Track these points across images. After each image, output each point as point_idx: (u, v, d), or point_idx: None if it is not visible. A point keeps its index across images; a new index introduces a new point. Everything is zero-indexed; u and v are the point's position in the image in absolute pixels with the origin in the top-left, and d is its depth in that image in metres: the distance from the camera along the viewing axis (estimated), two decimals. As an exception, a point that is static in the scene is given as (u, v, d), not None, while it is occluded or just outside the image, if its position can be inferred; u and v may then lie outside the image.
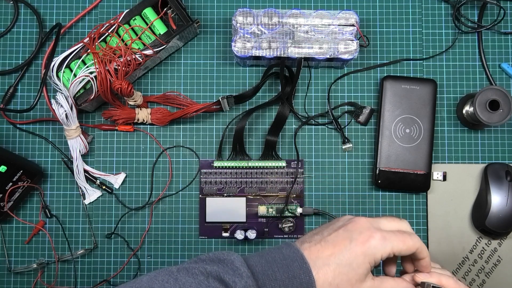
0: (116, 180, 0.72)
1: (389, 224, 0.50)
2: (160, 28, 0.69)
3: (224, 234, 0.72)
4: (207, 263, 0.49)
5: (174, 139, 0.74)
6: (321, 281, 0.47)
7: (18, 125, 0.73)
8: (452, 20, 0.75)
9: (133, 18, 0.69)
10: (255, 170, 0.72)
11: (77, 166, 0.71)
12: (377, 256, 0.47)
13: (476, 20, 0.75)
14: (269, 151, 0.72)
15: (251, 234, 0.69)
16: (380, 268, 0.59)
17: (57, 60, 0.68)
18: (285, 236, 0.72)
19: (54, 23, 0.74)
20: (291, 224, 0.71)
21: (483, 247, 0.72)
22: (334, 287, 0.47)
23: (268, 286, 0.47)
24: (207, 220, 0.72)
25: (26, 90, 0.74)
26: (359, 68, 0.74)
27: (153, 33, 0.69)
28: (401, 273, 0.54)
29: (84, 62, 0.68)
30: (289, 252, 0.49)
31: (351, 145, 0.73)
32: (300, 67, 0.70)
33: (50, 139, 0.73)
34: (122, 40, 0.68)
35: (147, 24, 0.70)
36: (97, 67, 0.66)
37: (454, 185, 0.73)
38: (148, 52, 0.68)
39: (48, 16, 0.75)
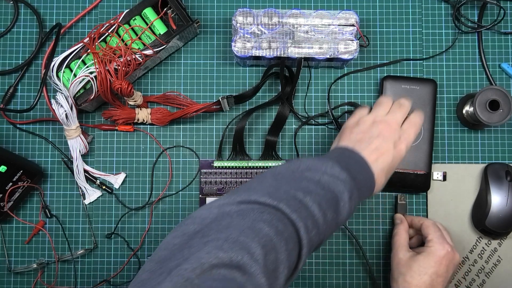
0: (116, 180, 0.72)
1: (401, 113, 0.62)
2: (160, 28, 0.69)
3: (224, 234, 0.72)
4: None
5: (174, 139, 0.74)
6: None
7: (18, 125, 0.73)
8: (452, 20, 0.75)
9: (133, 18, 0.69)
10: (255, 170, 0.72)
11: (77, 166, 0.71)
12: (403, 155, 0.61)
13: (476, 20, 0.75)
14: (269, 151, 0.72)
15: (251, 234, 0.69)
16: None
17: (57, 60, 0.68)
18: (285, 236, 0.72)
19: (54, 23, 0.74)
20: (291, 224, 0.71)
21: (483, 247, 0.72)
22: (385, 173, 0.59)
23: (359, 185, 0.55)
24: (207, 220, 0.72)
25: (26, 90, 0.74)
26: (359, 68, 0.74)
27: (153, 33, 0.69)
28: None
29: (84, 62, 0.68)
30: (357, 158, 0.57)
31: (351, 145, 0.73)
32: (300, 67, 0.70)
33: (50, 139, 0.73)
34: (122, 40, 0.68)
35: (147, 24, 0.70)
36: (97, 67, 0.66)
37: (454, 185, 0.73)
38: (148, 52, 0.68)
39: (48, 16, 0.75)
